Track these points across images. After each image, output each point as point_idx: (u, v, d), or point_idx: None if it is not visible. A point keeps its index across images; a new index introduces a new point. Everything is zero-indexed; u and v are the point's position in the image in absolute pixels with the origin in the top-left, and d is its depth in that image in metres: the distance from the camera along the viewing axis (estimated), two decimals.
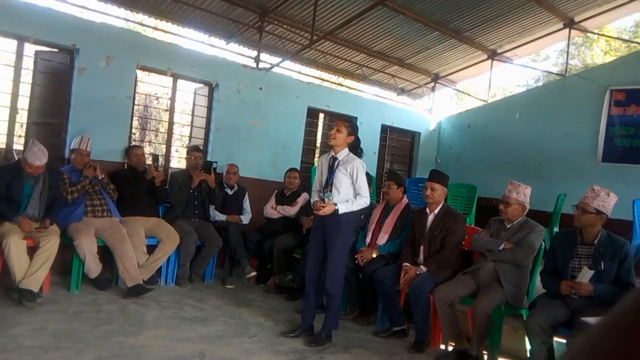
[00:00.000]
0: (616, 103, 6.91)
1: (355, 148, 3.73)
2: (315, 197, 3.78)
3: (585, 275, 3.11)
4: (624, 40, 13.48)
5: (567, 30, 7.74)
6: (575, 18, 7.59)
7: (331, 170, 3.67)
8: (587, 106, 7.16)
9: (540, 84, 13.48)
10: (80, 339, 3.25)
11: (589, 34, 10.15)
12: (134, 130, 5.93)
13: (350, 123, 3.74)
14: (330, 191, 3.60)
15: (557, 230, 5.93)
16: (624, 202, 4.87)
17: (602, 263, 3.19)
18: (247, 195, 5.77)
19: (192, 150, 5.47)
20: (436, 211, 4.11)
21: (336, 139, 3.65)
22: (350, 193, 3.64)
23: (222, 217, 5.46)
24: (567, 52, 8.59)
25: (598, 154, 7.00)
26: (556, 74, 9.52)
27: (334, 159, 3.69)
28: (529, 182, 3.94)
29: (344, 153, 3.68)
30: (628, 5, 7.18)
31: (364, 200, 3.65)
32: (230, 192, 5.64)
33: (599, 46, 15.23)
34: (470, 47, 8.10)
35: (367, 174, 5.10)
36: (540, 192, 5.24)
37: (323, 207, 3.54)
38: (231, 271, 5.35)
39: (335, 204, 3.54)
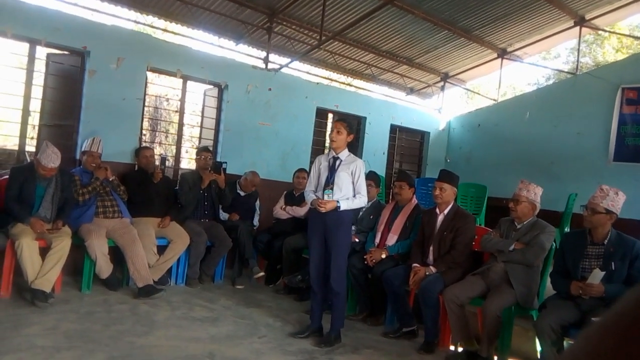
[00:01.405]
0: (628, 101, 6.83)
1: (353, 146, 3.79)
2: (311, 196, 3.80)
3: (597, 276, 3.09)
4: (636, 38, 13.33)
5: (577, 28, 7.66)
6: (586, 15, 7.51)
7: (332, 169, 3.73)
8: (598, 105, 7.09)
9: (551, 82, 13.36)
10: (91, 339, 3.29)
11: (600, 32, 10.05)
12: (144, 132, 5.98)
13: (347, 122, 3.84)
14: (332, 189, 3.66)
15: (568, 230, 5.88)
16: (636, 202, 4.83)
17: (613, 263, 3.16)
18: (258, 197, 5.79)
19: (201, 150, 5.50)
20: (446, 211, 4.10)
21: (337, 141, 3.73)
22: (350, 191, 3.71)
23: (225, 216, 5.49)
24: (578, 50, 8.53)
25: (609, 153, 6.92)
26: (567, 72, 9.43)
27: (336, 158, 3.74)
28: (539, 181, 3.91)
29: (345, 153, 3.77)
30: None
31: (362, 200, 3.75)
32: (242, 193, 5.66)
33: (611, 44, 15.04)
34: (479, 45, 8.06)
35: (375, 173, 5.14)
36: (551, 191, 5.19)
37: (325, 204, 3.59)
38: (241, 271, 5.37)
39: (337, 201, 3.61)
